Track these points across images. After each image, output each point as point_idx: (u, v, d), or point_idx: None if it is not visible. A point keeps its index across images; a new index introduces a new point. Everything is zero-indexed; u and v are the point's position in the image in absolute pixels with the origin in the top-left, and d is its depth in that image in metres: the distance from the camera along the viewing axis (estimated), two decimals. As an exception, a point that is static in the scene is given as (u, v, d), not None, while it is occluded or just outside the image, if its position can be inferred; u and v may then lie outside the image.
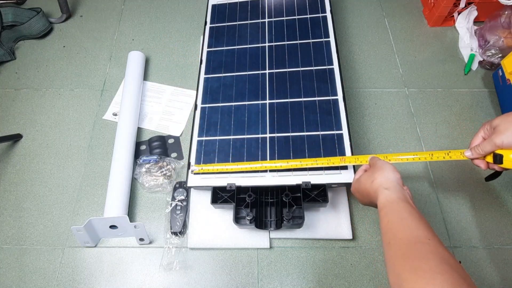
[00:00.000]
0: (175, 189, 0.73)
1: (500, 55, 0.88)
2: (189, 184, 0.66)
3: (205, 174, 0.66)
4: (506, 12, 0.85)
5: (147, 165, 0.74)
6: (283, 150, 0.67)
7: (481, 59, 0.91)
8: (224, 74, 0.79)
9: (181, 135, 0.82)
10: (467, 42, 0.93)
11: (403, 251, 0.40)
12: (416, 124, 0.82)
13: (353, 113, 0.84)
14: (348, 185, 0.65)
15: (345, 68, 0.91)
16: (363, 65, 0.92)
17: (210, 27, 0.87)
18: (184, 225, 0.69)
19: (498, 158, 0.49)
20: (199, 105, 0.75)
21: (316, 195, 0.63)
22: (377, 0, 1.04)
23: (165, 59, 0.94)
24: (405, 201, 0.46)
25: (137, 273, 0.66)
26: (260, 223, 0.63)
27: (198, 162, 0.68)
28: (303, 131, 0.68)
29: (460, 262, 0.66)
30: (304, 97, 0.72)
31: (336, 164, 0.62)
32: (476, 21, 0.94)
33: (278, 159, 0.66)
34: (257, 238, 0.68)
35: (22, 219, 0.72)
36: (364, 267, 0.66)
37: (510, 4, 0.80)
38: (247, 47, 0.82)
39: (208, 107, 0.75)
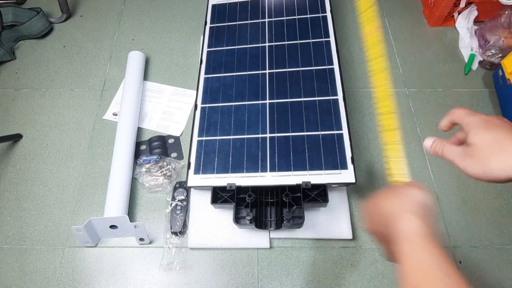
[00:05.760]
0: (175, 189, 0.73)
1: (500, 55, 0.87)
2: (189, 184, 0.66)
3: (205, 174, 0.66)
4: (506, 12, 0.85)
5: (147, 165, 0.74)
6: (283, 150, 0.67)
7: (481, 59, 0.90)
8: (224, 74, 0.79)
9: (181, 135, 0.82)
10: (467, 42, 0.93)
11: None
12: (416, 124, 0.82)
13: (353, 113, 0.84)
14: (348, 185, 0.65)
15: (345, 68, 0.91)
16: (363, 65, 0.92)
17: (210, 27, 0.87)
18: (184, 225, 0.69)
19: None
20: (199, 105, 0.75)
21: (316, 195, 0.63)
22: (377, 0, 1.04)
23: (165, 59, 0.94)
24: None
25: (137, 273, 0.66)
26: (260, 223, 0.63)
27: (198, 161, 0.68)
28: (303, 131, 0.68)
29: (460, 262, 0.66)
30: (304, 97, 0.72)
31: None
32: (476, 21, 0.94)
33: (278, 159, 0.66)
34: (257, 238, 0.67)
35: (22, 219, 0.72)
36: (364, 267, 0.66)
37: (510, 4, 0.80)
38: (247, 47, 0.82)
39: (208, 107, 0.75)
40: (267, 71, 0.77)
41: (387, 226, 0.37)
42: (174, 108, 0.86)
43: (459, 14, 0.96)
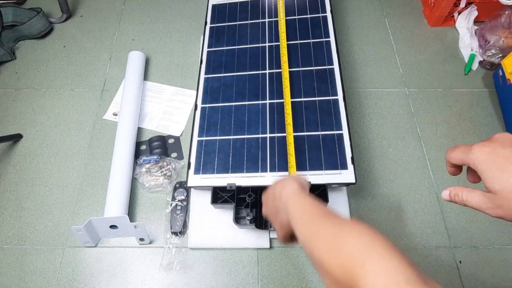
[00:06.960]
0: (175, 189, 0.73)
1: (500, 55, 0.87)
2: (189, 184, 0.66)
3: (205, 174, 0.66)
4: (507, 12, 0.85)
5: (147, 165, 0.74)
6: (283, 150, 0.66)
7: (481, 59, 0.90)
8: (224, 74, 0.79)
9: (181, 135, 0.82)
10: (467, 42, 0.93)
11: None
12: (416, 124, 0.82)
13: (353, 113, 0.84)
14: (348, 185, 0.65)
15: (345, 68, 0.91)
16: (363, 65, 0.92)
17: (210, 27, 0.87)
18: (184, 225, 0.69)
19: None
20: (199, 105, 0.75)
21: (316, 195, 0.63)
22: (377, 0, 1.04)
23: (165, 59, 0.95)
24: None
25: (137, 273, 0.66)
26: (260, 223, 0.63)
27: (198, 162, 0.68)
28: (304, 131, 0.68)
29: (460, 262, 0.66)
30: (304, 97, 0.72)
31: None
32: (476, 21, 0.94)
33: (278, 159, 0.66)
34: (257, 238, 0.67)
35: (22, 219, 0.72)
36: (364, 267, 0.66)
37: (510, 4, 0.80)
38: (247, 47, 0.82)
39: (208, 107, 0.75)
40: (267, 71, 0.77)
41: (274, 201, 0.48)
42: (174, 108, 0.86)
43: (459, 14, 0.96)
